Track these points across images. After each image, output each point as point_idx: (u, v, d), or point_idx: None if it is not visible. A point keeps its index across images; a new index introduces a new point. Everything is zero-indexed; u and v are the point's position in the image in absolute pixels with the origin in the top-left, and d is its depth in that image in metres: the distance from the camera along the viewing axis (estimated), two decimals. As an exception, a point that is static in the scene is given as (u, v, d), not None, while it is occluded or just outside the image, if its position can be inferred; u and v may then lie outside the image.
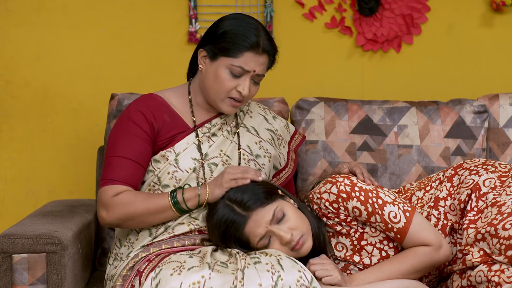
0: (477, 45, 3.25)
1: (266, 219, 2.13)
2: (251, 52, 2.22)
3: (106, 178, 2.24)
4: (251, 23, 2.25)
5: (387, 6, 3.19)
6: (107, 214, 2.22)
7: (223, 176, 2.20)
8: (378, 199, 2.18)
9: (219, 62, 2.24)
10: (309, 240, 2.17)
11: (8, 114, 3.16)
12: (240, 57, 2.22)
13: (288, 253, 2.14)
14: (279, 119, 2.54)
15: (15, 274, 2.22)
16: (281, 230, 2.14)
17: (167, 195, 2.22)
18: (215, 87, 2.26)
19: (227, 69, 2.24)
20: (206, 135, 2.34)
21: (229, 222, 2.14)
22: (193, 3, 3.14)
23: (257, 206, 2.14)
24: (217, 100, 2.29)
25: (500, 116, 2.88)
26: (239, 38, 2.21)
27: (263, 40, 2.24)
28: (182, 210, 2.22)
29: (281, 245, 2.15)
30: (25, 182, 3.19)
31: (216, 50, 2.25)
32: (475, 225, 2.16)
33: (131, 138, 2.26)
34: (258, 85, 2.30)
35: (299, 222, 2.17)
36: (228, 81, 2.24)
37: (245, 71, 2.23)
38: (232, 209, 2.15)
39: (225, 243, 2.17)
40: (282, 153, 2.50)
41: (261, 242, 2.14)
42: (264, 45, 2.23)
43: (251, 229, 2.13)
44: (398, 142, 2.83)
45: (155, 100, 2.34)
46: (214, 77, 2.25)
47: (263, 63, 2.25)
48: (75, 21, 3.16)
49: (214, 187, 2.20)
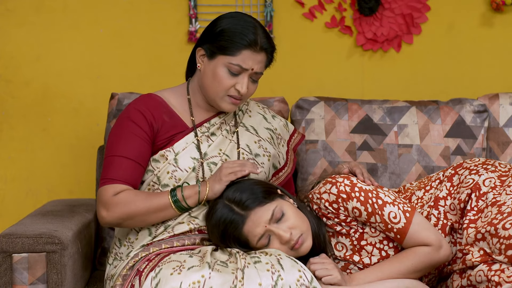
0: (477, 45, 3.25)
1: (265, 219, 2.13)
2: (249, 50, 2.22)
3: (105, 177, 2.24)
4: (248, 21, 2.25)
5: (387, 6, 3.19)
6: (107, 213, 2.22)
7: (221, 171, 2.20)
8: (378, 200, 2.18)
9: (217, 60, 2.24)
10: (309, 239, 2.17)
11: (8, 113, 3.17)
12: (238, 55, 2.22)
13: (288, 253, 2.13)
14: (278, 118, 2.54)
15: (15, 274, 2.22)
16: (280, 229, 2.14)
17: (167, 193, 2.22)
18: (214, 86, 2.26)
19: (225, 67, 2.23)
20: (205, 135, 2.34)
21: (228, 222, 2.14)
22: (193, 3, 3.14)
23: (255, 205, 2.14)
24: (216, 99, 2.29)
25: (500, 115, 2.88)
26: (237, 36, 2.21)
27: (261, 38, 2.23)
28: (183, 208, 2.22)
29: (280, 244, 2.15)
30: (25, 182, 3.19)
31: (214, 49, 2.25)
32: (475, 224, 2.16)
33: (131, 137, 2.26)
34: (256, 83, 2.30)
35: (298, 221, 2.17)
36: (227, 79, 2.24)
37: (243, 69, 2.23)
38: (231, 208, 2.15)
39: (224, 243, 2.17)
40: (281, 152, 2.50)
41: (261, 242, 2.14)
42: (262, 43, 2.23)
43: (249, 229, 2.13)
44: (398, 142, 2.83)
45: (154, 100, 2.34)
46: (213, 75, 2.26)
47: (261, 61, 2.25)
48: (75, 21, 3.16)
49: (214, 182, 2.20)
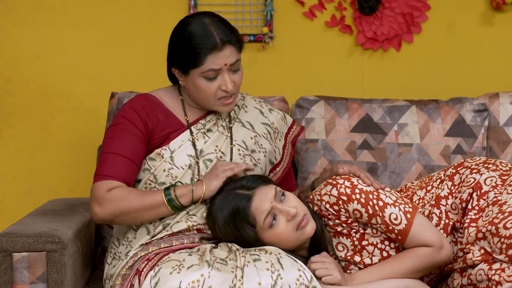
0: (477, 44, 3.25)
1: (270, 195, 2.15)
2: (213, 53, 2.22)
3: (99, 174, 2.25)
4: (198, 27, 2.24)
5: (387, 5, 3.19)
6: (100, 209, 2.22)
7: (217, 168, 2.24)
8: (379, 201, 2.18)
9: (192, 74, 2.27)
10: (312, 221, 2.18)
11: (8, 112, 3.16)
12: (205, 63, 2.23)
13: (292, 235, 2.14)
14: (275, 111, 2.54)
15: (15, 273, 2.22)
16: (285, 205, 2.15)
17: (161, 191, 2.23)
18: (201, 96, 2.29)
19: (201, 77, 2.26)
20: (201, 131, 2.35)
21: (234, 205, 2.15)
22: (193, 2, 3.13)
23: (259, 184, 2.17)
24: (210, 106, 2.32)
25: (500, 114, 2.88)
26: (195, 49, 2.22)
27: (218, 35, 2.23)
28: (176, 207, 2.23)
29: (287, 222, 2.14)
30: (25, 181, 3.19)
31: (183, 67, 2.27)
32: (476, 223, 2.16)
33: (125, 136, 2.28)
34: (239, 71, 2.30)
35: (300, 203, 2.19)
36: (209, 86, 2.26)
37: (218, 70, 2.24)
38: (235, 193, 2.16)
39: (237, 230, 2.15)
40: (277, 147, 2.50)
41: (267, 220, 2.13)
42: (220, 39, 2.23)
43: (257, 206, 2.14)
44: (398, 141, 2.83)
45: (149, 99, 2.36)
46: (195, 88, 2.28)
47: (231, 53, 2.25)
48: (75, 19, 3.16)
49: (210, 180, 2.22)
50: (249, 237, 2.15)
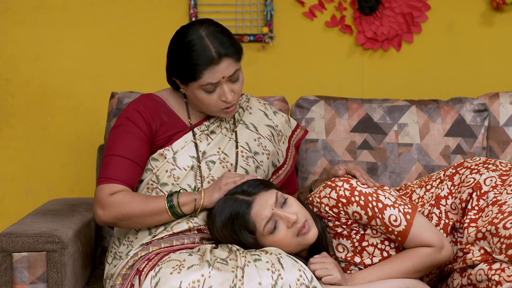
0: (477, 44, 3.25)
1: (271, 202, 2.14)
2: (210, 67, 2.21)
3: (103, 176, 2.25)
4: (195, 40, 2.22)
5: (387, 5, 3.19)
6: (103, 212, 2.22)
7: (221, 180, 2.22)
8: (378, 203, 2.18)
9: (191, 86, 2.27)
10: (314, 227, 2.17)
11: (8, 112, 3.16)
12: (203, 77, 2.22)
13: (293, 241, 2.14)
14: (280, 114, 2.54)
15: (15, 273, 2.22)
16: (286, 212, 2.14)
17: (163, 198, 2.23)
18: (202, 106, 2.30)
19: (200, 90, 2.25)
20: (204, 133, 2.35)
21: (234, 210, 2.14)
22: (193, 2, 3.13)
23: (259, 190, 2.16)
24: (212, 113, 2.32)
25: (500, 114, 2.88)
26: (193, 65, 2.21)
27: (214, 48, 2.21)
28: (177, 215, 2.23)
29: (287, 228, 2.14)
30: (25, 181, 3.19)
31: (183, 79, 2.27)
32: (476, 224, 2.16)
33: (129, 137, 2.27)
34: (238, 80, 2.28)
35: (301, 209, 2.18)
36: (208, 98, 2.26)
37: (216, 84, 2.24)
38: (235, 198, 2.16)
39: (235, 235, 2.16)
40: (281, 149, 2.50)
41: (267, 227, 2.13)
42: (217, 53, 2.21)
43: (257, 212, 2.13)
44: (398, 141, 2.83)
45: (153, 100, 2.35)
46: (195, 98, 2.29)
47: (228, 65, 2.23)
48: (75, 19, 3.16)
49: (212, 191, 2.21)
50: (248, 242, 2.15)
